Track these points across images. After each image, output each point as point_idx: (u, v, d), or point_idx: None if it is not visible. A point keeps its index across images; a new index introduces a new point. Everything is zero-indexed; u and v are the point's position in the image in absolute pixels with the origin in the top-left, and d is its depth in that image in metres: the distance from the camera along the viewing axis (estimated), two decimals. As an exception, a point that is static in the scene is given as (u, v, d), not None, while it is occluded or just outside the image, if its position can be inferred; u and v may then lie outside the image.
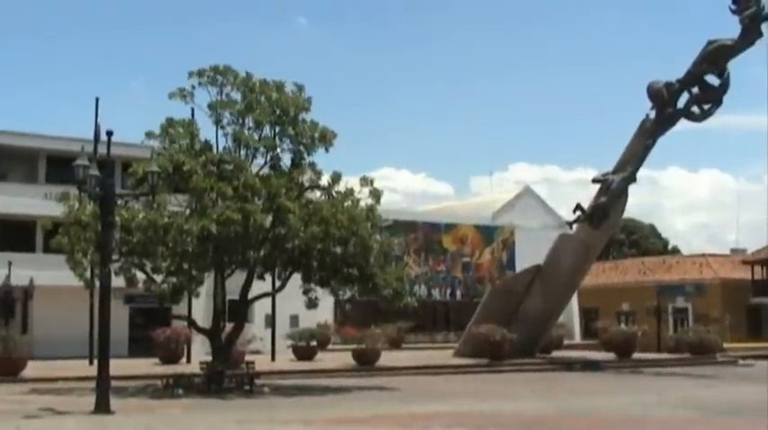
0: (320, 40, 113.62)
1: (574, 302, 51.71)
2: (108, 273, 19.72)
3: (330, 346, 40.55)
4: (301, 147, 25.20)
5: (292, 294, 26.79)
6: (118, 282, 23.95)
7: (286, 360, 34.65)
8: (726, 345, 43.40)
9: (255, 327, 38.28)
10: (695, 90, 33.88)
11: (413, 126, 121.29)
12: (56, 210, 24.57)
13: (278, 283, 26.73)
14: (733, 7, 32.00)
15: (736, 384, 27.62)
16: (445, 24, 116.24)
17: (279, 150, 25.36)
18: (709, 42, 32.89)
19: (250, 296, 25.88)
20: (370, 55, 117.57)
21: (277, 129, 25.27)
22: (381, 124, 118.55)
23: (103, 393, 18.41)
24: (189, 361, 32.67)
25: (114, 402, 18.70)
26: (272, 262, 25.02)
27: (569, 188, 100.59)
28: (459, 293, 53.04)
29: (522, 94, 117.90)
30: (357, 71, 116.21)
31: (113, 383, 19.80)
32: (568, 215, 37.00)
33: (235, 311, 26.51)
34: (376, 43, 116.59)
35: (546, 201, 58.34)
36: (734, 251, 64.17)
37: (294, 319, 39.45)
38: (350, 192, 24.87)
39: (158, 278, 24.65)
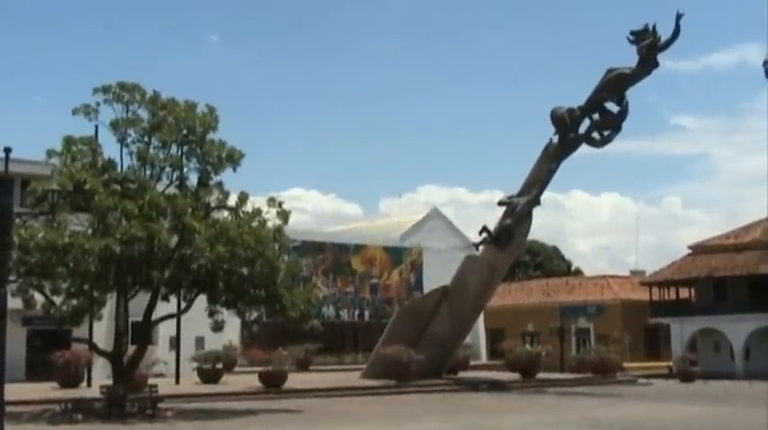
0: (232, 59, 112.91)
1: (480, 323, 52.34)
2: (4, 294, 19.05)
3: (236, 369, 39.99)
4: (208, 167, 24.96)
5: (198, 316, 26.39)
6: (15, 303, 23.15)
7: (191, 383, 34.02)
8: (625, 365, 44.55)
9: (159, 350, 37.53)
10: (596, 116, 34.95)
11: (323, 146, 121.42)
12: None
13: (183, 305, 26.31)
14: (631, 38, 33.21)
15: (635, 403, 28.40)
16: (357, 46, 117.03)
17: (185, 169, 25.07)
18: (609, 71, 34.02)
19: (154, 317, 25.38)
20: (282, 74, 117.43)
21: (184, 148, 24.97)
22: (292, 144, 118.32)
23: (-3, 419, 17.71)
24: (89, 385, 31.72)
25: (9, 429, 18.01)
26: (177, 283, 24.63)
27: (477, 210, 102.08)
28: (367, 314, 53.08)
29: (430, 117, 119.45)
30: (268, 90, 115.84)
31: (8, 409, 19.07)
32: (476, 237, 37.53)
33: (138, 333, 25.95)
34: (288, 62, 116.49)
35: (453, 223, 58.99)
36: (633, 273, 65.97)
37: (200, 341, 38.79)
38: (257, 212, 24.73)
39: (58, 299, 23.95)
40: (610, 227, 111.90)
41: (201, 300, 25.45)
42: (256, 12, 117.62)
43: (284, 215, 25.12)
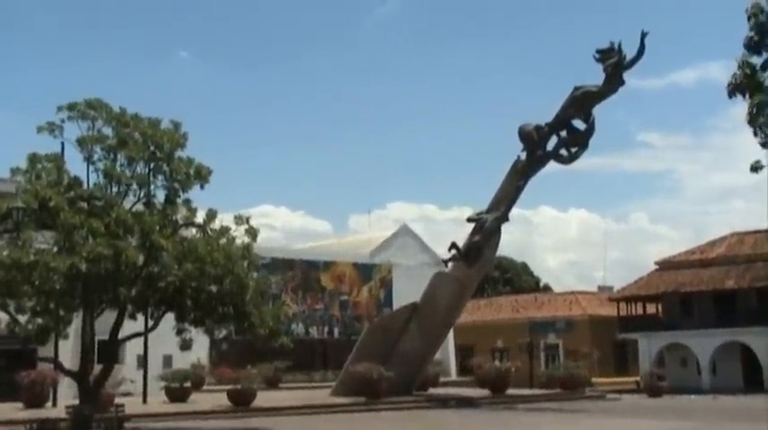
0: (202, 75, 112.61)
1: (450, 339, 52.43)
2: (-33, 313, 18.83)
3: (205, 387, 39.69)
4: (176, 184, 24.79)
5: (165, 334, 26.15)
6: (-22, 322, 22.87)
7: (158, 402, 33.69)
8: (594, 380, 44.82)
9: (126, 369, 37.13)
10: (563, 133, 35.28)
11: (292, 163, 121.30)
12: None
13: (150, 323, 26.07)
14: (597, 56, 33.60)
15: (603, 418, 28.57)
16: (326, 63, 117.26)
17: (152, 187, 24.89)
18: (576, 88, 34.38)
19: (121, 336, 25.12)
20: (251, 91, 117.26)
21: (151, 165, 24.80)
22: (261, 161, 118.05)
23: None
24: (55, 405, 31.33)
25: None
26: (145, 301, 24.38)
27: (446, 226, 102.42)
28: (336, 331, 52.97)
29: (399, 134, 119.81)
30: (237, 106, 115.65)
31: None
32: (445, 253, 37.61)
33: (104, 352, 25.63)
34: (257, 79, 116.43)
35: (423, 240, 59.16)
36: (601, 288, 66.44)
37: (167, 360, 38.45)
38: (225, 229, 24.62)
39: (23, 318, 23.64)
40: (578, 242, 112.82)
41: (169, 319, 25.23)
42: (226, 28, 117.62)
43: (252, 232, 25.02)
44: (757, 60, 17.09)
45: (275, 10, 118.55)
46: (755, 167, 17.79)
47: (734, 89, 17.13)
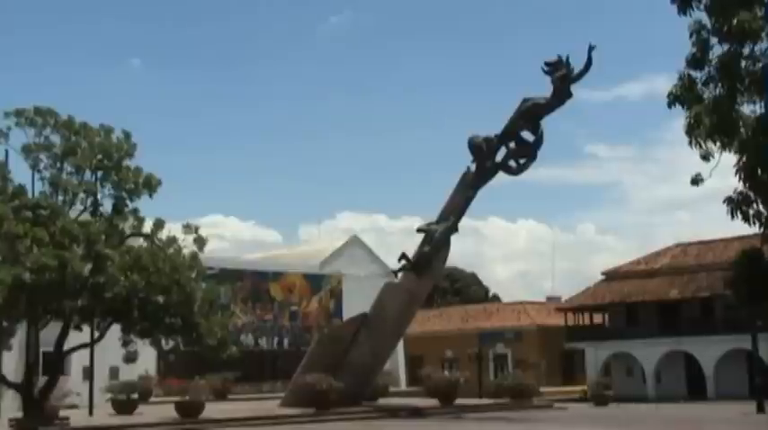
0: (153, 83, 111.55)
1: (400, 350, 52.52)
2: None
3: (152, 399, 39.13)
4: (124, 193, 24.61)
5: (112, 345, 25.89)
6: None
7: (105, 414, 33.13)
8: (542, 390, 45.22)
9: (72, 381, 36.58)
10: (512, 145, 35.58)
11: (242, 173, 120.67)
12: None
13: (96, 334, 25.75)
14: (545, 68, 34.00)
15: (549, 427, 28.87)
16: (278, 72, 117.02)
17: (100, 196, 24.69)
18: (524, 100, 34.73)
19: (66, 347, 24.80)
20: (204, 99, 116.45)
21: (99, 174, 24.57)
22: (211, 170, 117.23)
23: None
24: (-3, 418, 30.71)
25: None
26: (90, 312, 24.12)
27: (396, 237, 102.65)
28: (286, 342, 52.74)
29: (349, 144, 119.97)
30: (189, 115, 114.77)
31: None
32: (395, 263, 37.67)
33: (49, 364, 25.29)
34: (209, 87, 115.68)
35: (373, 250, 59.23)
36: (549, 298, 67.02)
37: (114, 371, 37.97)
38: (173, 239, 24.46)
39: (-36, 330, 23.21)
40: (526, 253, 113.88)
41: (116, 330, 24.97)
42: (179, 36, 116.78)
43: (201, 241, 24.90)
44: (698, 75, 17.56)
45: (229, 18, 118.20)
46: (696, 180, 18.23)
47: (674, 100, 17.55)
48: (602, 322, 55.73)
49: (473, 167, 35.79)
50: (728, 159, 18.38)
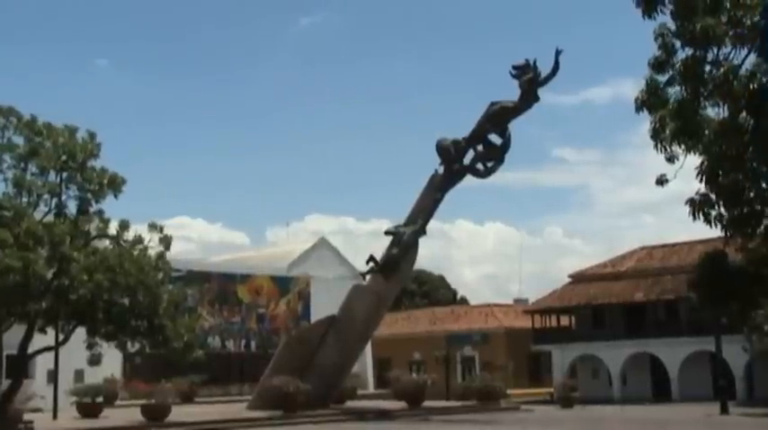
0: (120, 83, 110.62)
1: (367, 352, 52.50)
2: None
3: (118, 402, 38.85)
4: (89, 194, 24.35)
5: (77, 348, 25.61)
6: None
7: (69, 418, 32.79)
8: (509, 392, 45.42)
9: (36, 384, 36.09)
10: (480, 148, 35.72)
11: (210, 175, 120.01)
12: None
13: (61, 337, 25.46)
14: (513, 72, 34.18)
15: (514, 429, 29.00)
16: (246, 74, 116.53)
17: (64, 197, 24.40)
18: (492, 104, 34.89)
19: (30, 350, 24.49)
20: (171, 100, 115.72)
21: (63, 175, 24.31)
22: (178, 172, 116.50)
23: None
24: (-41, 422, 30.25)
25: None
26: (55, 314, 23.82)
27: (364, 239, 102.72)
28: (253, 345, 52.49)
29: (318, 146, 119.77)
30: (156, 116, 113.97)
31: None
32: (363, 266, 37.68)
33: (13, 367, 24.93)
34: (177, 88, 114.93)
35: (341, 252, 59.17)
36: (517, 301, 67.35)
37: (79, 374, 37.58)
38: (138, 239, 24.24)
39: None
40: (494, 255, 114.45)
41: (81, 332, 24.71)
42: (146, 37, 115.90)
43: (166, 241, 24.69)
44: (663, 78, 17.79)
45: (197, 19, 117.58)
46: (660, 181, 18.45)
47: (641, 105, 17.76)
48: (569, 324, 56.09)
49: (441, 170, 35.90)
50: (693, 162, 18.65)
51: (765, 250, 22.80)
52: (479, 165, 35.98)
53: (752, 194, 18.91)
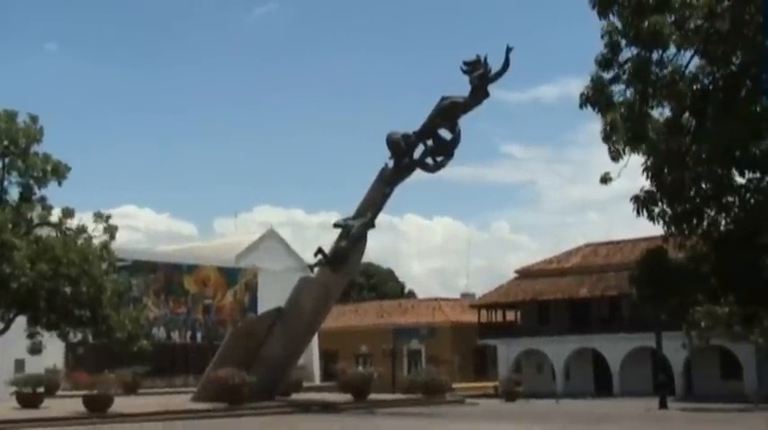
0: (70, 69, 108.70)
1: (314, 344, 52.44)
2: None
3: (59, 393, 38.20)
4: (31, 181, 23.98)
5: (17, 337, 25.19)
6: None
7: (8, 408, 32.19)
8: (455, 385, 45.73)
9: (-26, 374, 35.40)
10: (430, 142, 35.82)
11: (157, 164, 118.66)
12: None
13: (1, 325, 25.03)
14: (464, 68, 34.32)
15: (459, 422, 29.25)
16: (199, 61, 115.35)
17: (6, 183, 24.00)
18: (443, 98, 34.98)
19: (-32, 339, 24.02)
20: (121, 87, 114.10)
21: (5, 160, 23.89)
22: (125, 160, 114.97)
23: None
24: None
25: None
26: (-5, 302, 23.44)
27: (313, 231, 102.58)
28: (199, 336, 52.15)
29: (267, 136, 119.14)
30: (105, 102, 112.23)
31: None
32: (311, 258, 37.56)
33: (-50, 356, 24.48)
34: (127, 75, 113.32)
35: (290, 244, 59.01)
36: (464, 295, 67.87)
37: (19, 364, 36.90)
38: (82, 228, 23.94)
39: None
40: (442, 250, 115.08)
41: (22, 321, 24.32)
42: (98, 21, 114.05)
43: (111, 231, 24.44)
44: (608, 76, 18.10)
45: (149, 6, 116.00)
46: (605, 179, 18.78)
47: (585, 101, 18.05)
48: (515, 319, 56.71)
49: (391, 164, 35.93)
50: (638, 160, 19.03)
51: (704, 248, 23.35)
52: (429, 160, 36.08)
53: (692, 192, 19.34)
